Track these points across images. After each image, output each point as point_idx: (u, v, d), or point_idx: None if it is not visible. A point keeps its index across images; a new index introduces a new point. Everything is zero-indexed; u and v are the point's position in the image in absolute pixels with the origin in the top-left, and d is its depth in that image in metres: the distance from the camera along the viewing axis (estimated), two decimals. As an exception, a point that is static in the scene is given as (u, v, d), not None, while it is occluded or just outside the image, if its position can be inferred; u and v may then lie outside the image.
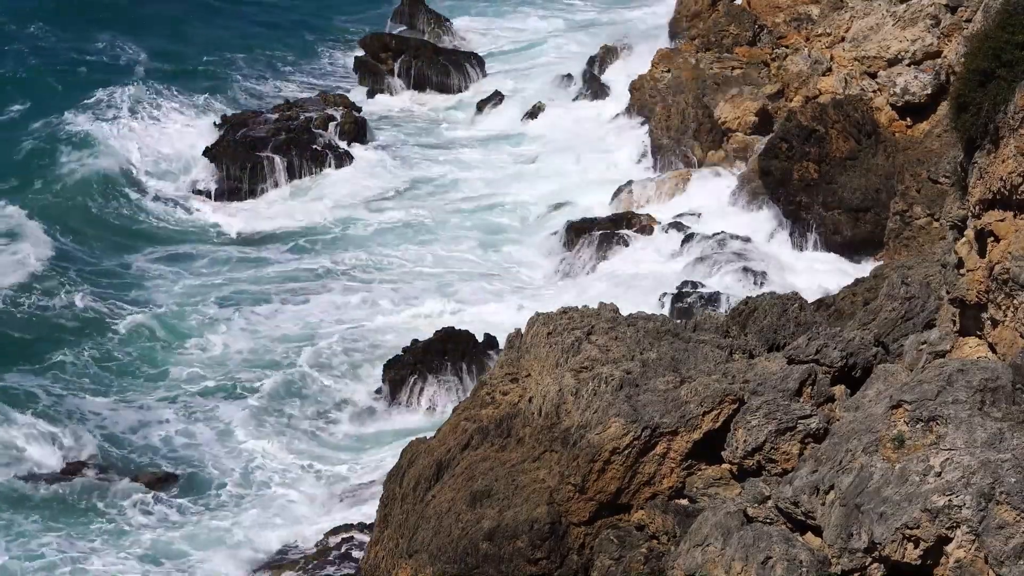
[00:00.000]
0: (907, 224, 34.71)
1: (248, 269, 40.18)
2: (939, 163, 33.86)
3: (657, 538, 17.71)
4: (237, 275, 39.67)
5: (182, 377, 33.39)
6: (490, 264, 40.57)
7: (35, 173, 45.64)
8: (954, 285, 17.09)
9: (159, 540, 26.71)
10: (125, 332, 35.39)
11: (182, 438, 30.55)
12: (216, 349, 34.79)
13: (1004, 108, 15.57)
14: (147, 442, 30.37)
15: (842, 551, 14.03)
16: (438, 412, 31.03)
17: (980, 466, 13.49)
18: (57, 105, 51.51)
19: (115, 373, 33.48)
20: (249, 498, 28.32)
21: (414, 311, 37.08)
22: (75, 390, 32.34)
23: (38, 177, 45.35)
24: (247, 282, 39.09)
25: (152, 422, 31.19)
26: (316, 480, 29.03)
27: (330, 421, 31.64)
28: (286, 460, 29.76)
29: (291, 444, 30.44)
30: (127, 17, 63.99)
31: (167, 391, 32.72)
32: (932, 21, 40.68)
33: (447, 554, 18.90)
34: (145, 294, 37.96)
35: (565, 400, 19.18)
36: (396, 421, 31.62)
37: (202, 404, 32.08)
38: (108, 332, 35.42)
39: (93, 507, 27.72)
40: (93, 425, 30.72)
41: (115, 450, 29.87)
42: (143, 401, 32.19)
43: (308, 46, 63.58)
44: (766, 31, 48.10)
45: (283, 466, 29.53)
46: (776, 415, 17.40)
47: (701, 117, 44.38)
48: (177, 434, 30.70)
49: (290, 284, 39.07)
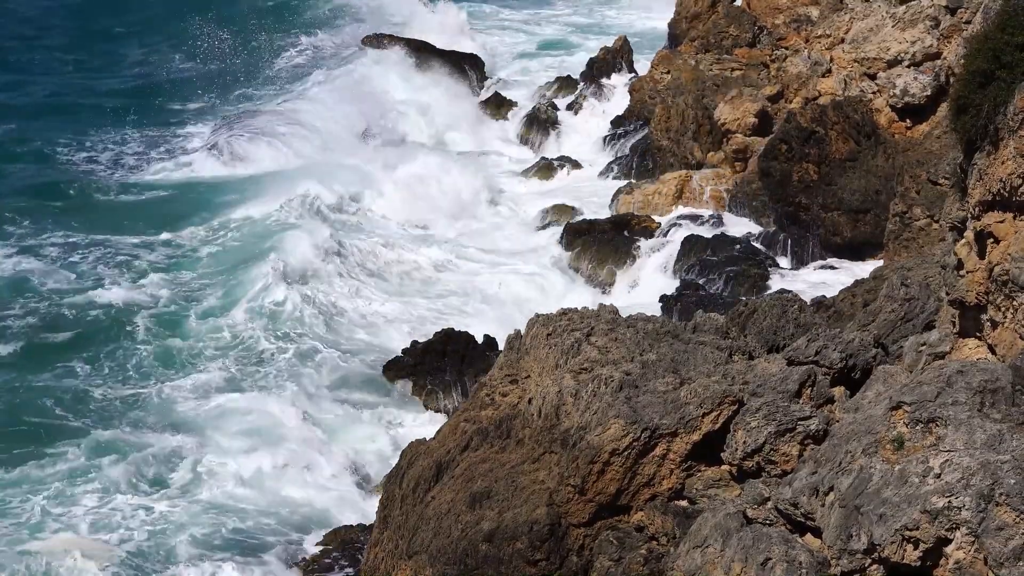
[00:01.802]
0: (907, 225, 34.71)
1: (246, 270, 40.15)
2: (939, 164, 33.87)
3: (657, 539, 17.71)
4: (236, 276, 39.63)
5: (183, 368, 33.39)
6: (490, 264, 40.54)
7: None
8: (954, 286, 17.09)
9: (152, 539, 26.64)
10: (117, 319, 35.40)
11: (178, 438, 30.49)
12: (212, 347, 34.76)
13: (1004, 109, 15.57)
14: (141, 438, 30.29)
15: (841, 552, 14.04)
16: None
17: (980, 467, 13.50)
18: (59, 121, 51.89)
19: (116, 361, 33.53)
20: (249, 498, 28.27)
21: (413, 310, 37.12)
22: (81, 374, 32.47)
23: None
24: (245, 284, 39.03)
25: (148, 413, 31.15)
26: (316, 480, 28.98)
27: (330, 421, 31.60)
28: (286, 460, 29.70)
29: (291, 444, 30.38)
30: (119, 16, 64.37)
31: (167, 381, 32.72)
32: (932, 22, 40.70)
33: (447, 555, 18.90)
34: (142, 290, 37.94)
35: (565, 401, 19.19)
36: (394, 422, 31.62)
37: (201, 404, 32.01)
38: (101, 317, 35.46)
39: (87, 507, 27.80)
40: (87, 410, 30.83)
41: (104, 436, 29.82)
42: (142, 394, 32.20)
43: (308, 45, 63.58)
44: (766, 32, 48.13)
45: (283, 466, 29.47)
46: (776, 416, 17.40)
47: (701, 119, 44.40)
48: (173, 432, 30.64)
49: (287, 284, 38.98)
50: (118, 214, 43.39)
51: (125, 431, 30.00)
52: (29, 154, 49.48)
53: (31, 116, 53.82)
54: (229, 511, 27.47)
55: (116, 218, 42.95)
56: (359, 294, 38.05)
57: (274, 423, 30.54)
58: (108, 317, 35.64)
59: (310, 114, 52.42)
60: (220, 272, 39.04)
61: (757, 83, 45.03)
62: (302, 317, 36.04)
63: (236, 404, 31.43)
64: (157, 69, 62.24)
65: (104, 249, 40.12)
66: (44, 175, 47.31)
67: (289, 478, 28.78)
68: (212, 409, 31.47)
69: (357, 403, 32.18)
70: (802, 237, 38.84)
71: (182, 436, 29.86)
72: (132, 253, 39.99)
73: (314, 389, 32.54)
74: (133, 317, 35.56)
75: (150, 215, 43.12)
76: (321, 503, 28.06)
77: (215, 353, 34.28)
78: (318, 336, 35.28)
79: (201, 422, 30.66)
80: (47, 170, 47.95)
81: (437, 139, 52.82)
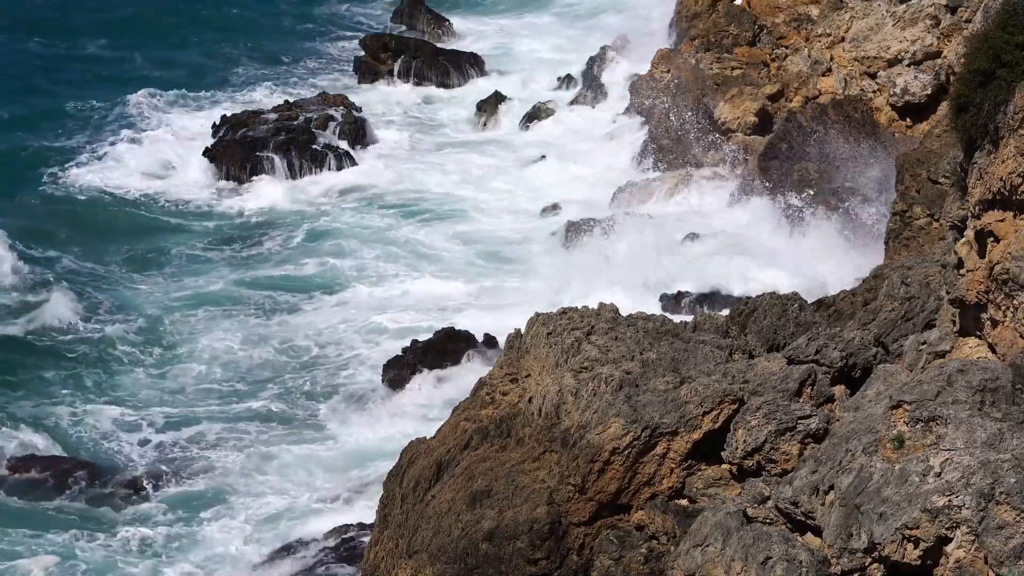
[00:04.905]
0: (907, 224, 34.67)
1: (245, 269, 40.16)
2: (939, 163, 33.83)
3: (657, 538, 17.71)
4: (234, 276, 39.65)
5: (180, 378, 33.39)
6: (490, 264, 40.55)
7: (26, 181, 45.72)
8: (954, 285, 17.09)
9: (156, 540, 26.70)
10: (114, 336, 35.35)
11: (177, 438, 30.54)
12: (212, 350, 34.77)
13: (1004, 108, 15.58)
14: (145, 441, 30.34)
15: (842, 551, 14.04)
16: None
17: (980, 466, 13.50)
18: (53, 112, 51.68)
19: (109, 374, 33.52)
20: (249, 499, 28.31)
21: (413, 311, 37.11)
22: (67, 394, 32.38)
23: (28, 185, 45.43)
24: (244, 284, 39.06)
25: (149, 421, 31.19)
26: (316, 480, 29.01)
27: (330, 421, 31.62)
28: (285, 460, 29.75)
29: (291, 444, 30.42)
30: (121, 16, 64.22)
31: (163, 392, 32.72)
32: (932, 21, 40.71)
33: (447, 554, 18.90)
34: (136, 296, 37.88)
35: (565, 400, 19.18)
36: (396, 421, 31.60)
37: (200, 403, 32.08)
38: (97, 335, 35.40)
39: (87, 509, 27.81)
40: (86, 427, 30.79)
41: (106, 451, 29.84)
42: (141, 399, 32.22)
43: (308, 46, 63.57)
44: (766, 31, 48.08)
45: (283, 466, 29.52)
46: (776, 415, 17.40)
47: (701, 117, 44.39)
48: (174, 434, 30.69)
49: (287, 283, 39.05)
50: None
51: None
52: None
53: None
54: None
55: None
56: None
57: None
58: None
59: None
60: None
61: (757, 82, 45.00)
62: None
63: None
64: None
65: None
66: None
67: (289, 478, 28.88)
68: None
69: None
70: (802, 236, 38.78)
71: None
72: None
73: None
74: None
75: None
76: (320, 504, 28.16)
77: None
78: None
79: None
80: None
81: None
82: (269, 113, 51.37)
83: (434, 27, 64.78)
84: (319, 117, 50.70)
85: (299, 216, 44.41)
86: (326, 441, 30.74)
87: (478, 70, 59.18)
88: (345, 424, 31.52)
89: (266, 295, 38.12)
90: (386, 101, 56.14)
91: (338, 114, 51.23)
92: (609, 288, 36.26)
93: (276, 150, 48.05)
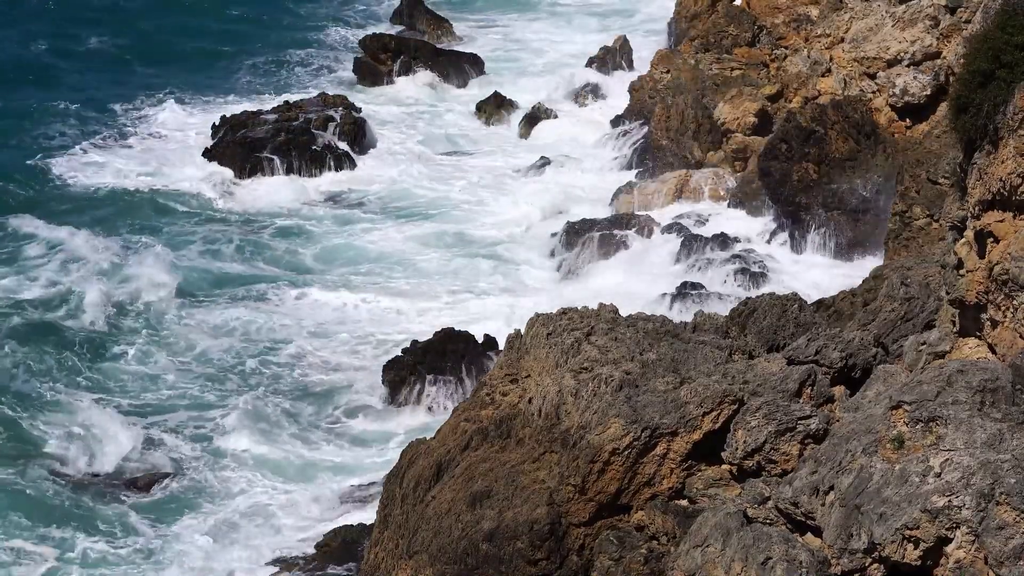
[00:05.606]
0: (906, 225, 34.71)
1: (245, 269, 40.17)
2: (938, 164, 33.87)
3: (657, 539, 17.72)
4: (233, 275, 39.65)
5: (176, 374, 33.39)
6: (490, 264, 40.54)
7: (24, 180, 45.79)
8: (954, 286, 17.10)
9: (154, 541, 26.69)
10: (111, 328, 35.37)
11: (176, 439, 30.51)
12: (209, 347, 34.77)
13: (1003, 109, 15.59)
14: (139, 442, 30.28)
15: (842, 551, 14.05)
16: (438, 413, 31.04)
17: (980, 467, 13.50)
18: (52, 111, 51.69)
19: (104, 370, 33.52)
20: (249, 499, 28.29)
21: (414, 309, 37.12)
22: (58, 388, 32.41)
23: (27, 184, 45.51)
24: (243, 283, 39.06)
25: (145, 420, 31.16)
26: (316, 481, 29.01)
27: (330, 422, 31.62)
28: (286, 460, 29.75)
29: (290, 444, 30.42)
30: (122, 17, 64.25)
31: (161, 387, 32.71)
32: (931, 22, 40.71)
33: (447, 555, 18.90)
34: (137, 295, 37.88)
35: (565, 401, 19.19)
36: (395, 422, 31.61)
37: (199, 403, 32.06)
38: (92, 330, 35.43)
39: (84, 509, 27.79)
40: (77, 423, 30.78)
41: (101, 450, 29.79)
42: (139, 399, 32.20)
43: (308, 47, 63.60)
44: (765, 32, 48.10)
45: (283, 466, 29.52)
46: (776, 416, 17.41)
47: (700, 118, 44.38)
48: (171, 434, 30.66)
49: (286, 283, 39.05)
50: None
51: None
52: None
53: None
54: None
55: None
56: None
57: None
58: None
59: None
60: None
61: (757, 82, 45.02)
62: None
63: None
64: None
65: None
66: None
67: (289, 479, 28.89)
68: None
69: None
70: (802, 236, 38.80)
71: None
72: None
73: None
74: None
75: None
76: (320, 504, 28.18)
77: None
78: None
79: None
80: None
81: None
82: (269, 114, 51.36)
83: (434, 28, 64.80)
84: (319, 118, 50.69)
85: (298, 216, 44.41)
86: (326, 441, 30.74)
87: (478, 71, 59.22)
88: (345, 424, 31.53)
89: (265, 295, 38.13)
90: (386, 102, 56.17)
91: (338, 115, 51.21)
92: (609, 288, 36.35)
93: (276, 151, 48.05)
